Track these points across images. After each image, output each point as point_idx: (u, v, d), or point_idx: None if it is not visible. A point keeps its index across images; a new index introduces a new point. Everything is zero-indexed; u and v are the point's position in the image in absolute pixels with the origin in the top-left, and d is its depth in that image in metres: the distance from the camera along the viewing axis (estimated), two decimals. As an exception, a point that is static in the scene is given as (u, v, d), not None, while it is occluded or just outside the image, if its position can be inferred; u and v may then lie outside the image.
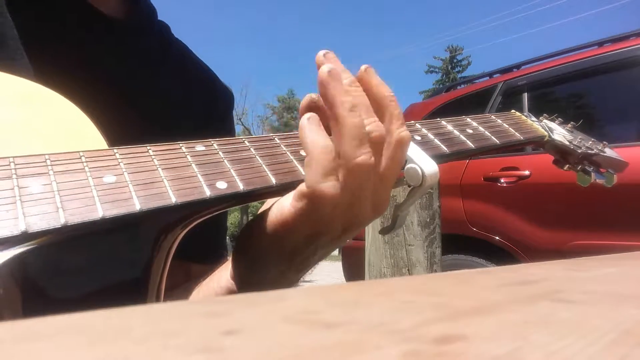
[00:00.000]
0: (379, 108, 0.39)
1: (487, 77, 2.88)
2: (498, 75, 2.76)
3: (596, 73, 2.21)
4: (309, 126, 0.37)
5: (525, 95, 2.42)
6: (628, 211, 1.82)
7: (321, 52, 0.38)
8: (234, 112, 0.72)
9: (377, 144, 0.37)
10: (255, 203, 0.42)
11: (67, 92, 0.41)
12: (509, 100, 2.53)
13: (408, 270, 1.38)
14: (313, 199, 0.35)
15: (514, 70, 2.66)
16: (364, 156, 0.35)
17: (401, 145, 0.38)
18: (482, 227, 2.36)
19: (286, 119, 32.21)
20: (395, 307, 0.15)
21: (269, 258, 0.40)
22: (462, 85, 3.26)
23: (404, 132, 0.38)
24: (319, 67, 0.37)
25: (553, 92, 2.50)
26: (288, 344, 0.11)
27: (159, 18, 0.65)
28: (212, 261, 0.59)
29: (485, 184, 2.35)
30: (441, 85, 26.32)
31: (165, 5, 0.66)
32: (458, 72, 30.77)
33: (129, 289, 0.35)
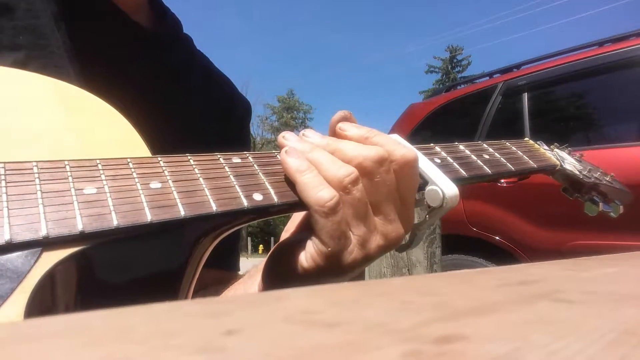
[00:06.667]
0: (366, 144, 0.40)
1: (487, 77, 2.88)
2: (498, 75, 2.75)
3: (596, 73, 2.20)
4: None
5: (525, 95, 2.41)
6: (628, 211, 1.82)
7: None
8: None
9: (367, 171, 0.38)
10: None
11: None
12: (509, 100, 2.53)
13: (408, 270, 1.38)
14: (331, 257, 0.37)
15: (514, 70, 2.66)
16: (348, 178, 0.36)
17: (407, 162, 0.39)
18: (482, 227, 2.36)
19: (286, 118, 32.21)
20: (395, 307, 0.15)
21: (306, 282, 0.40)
22: (462, 85, 3.25)
23: (405, 150, 0.39)
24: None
25: (553, 92, 2.50)
26: (288, 344, 0.11)
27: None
28: (227, 267, 0.61)
29: (485, 184, 2.35)
30: (441, 85, 26.32)
31: (165, 3, 0.66)
32: (458, 72, 30.77)
33: (163, 292, 0.36)
